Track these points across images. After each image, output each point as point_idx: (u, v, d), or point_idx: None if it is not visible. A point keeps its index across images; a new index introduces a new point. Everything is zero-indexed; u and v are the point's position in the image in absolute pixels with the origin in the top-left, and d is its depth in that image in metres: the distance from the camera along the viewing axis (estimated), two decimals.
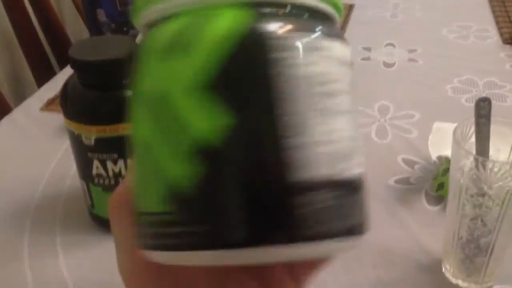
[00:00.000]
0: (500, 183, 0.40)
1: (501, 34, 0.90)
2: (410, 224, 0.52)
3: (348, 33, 0.94)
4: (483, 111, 0.42)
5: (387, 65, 0.83)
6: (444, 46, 0.88)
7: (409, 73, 0.81)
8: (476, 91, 0.74)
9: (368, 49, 0.88)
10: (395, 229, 0.52)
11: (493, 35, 0.91)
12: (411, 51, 0.87)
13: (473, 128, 0.43)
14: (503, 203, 0.40)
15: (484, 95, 0.73)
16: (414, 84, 0.77)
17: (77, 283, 0.47)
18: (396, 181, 0.58)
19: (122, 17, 0.83)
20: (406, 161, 0.61)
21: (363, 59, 0.85)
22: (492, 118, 0.42)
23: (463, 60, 0.83)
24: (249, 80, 0.20)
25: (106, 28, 0.83)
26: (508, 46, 0.86)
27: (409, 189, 0.57)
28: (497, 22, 0.95)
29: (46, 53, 1.01)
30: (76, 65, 0.45)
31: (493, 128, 0.42)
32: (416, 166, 0.60)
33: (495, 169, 0.39)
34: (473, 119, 0.42)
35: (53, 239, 0.52)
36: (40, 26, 1.01)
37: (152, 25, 0.22)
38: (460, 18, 0.98)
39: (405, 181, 0.58)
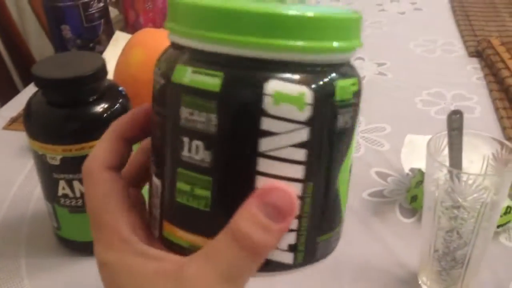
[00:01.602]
0: (475, 195, 0.39)
1: (467, 47, 0.92)
2: (385, 237, 0.52)
3: None
4: (455, 123, 0.42)
5: None
6: (412, 59, 0.89)
7: (379, 86, 0.81)
8: (444, 103, 0.75)
9: None
10: (370, 242, 0.51)
11: (458, 49, 0.92)
12: (380, 64, 0.87)
13: (446, 141, 0.43)
14: (478, 215, 0.40)
15: (452, 107, 0.74)
16: (384, 97, 0.78)
17: None
18: (370, 194, 0.57)
19: (87, 33, 0.82)
20: (379, 174, 0.61)
21: None
22: (464, 131, 0.42)
23: (431, 73, 0.84)
24: None
25: (72, 44, 0.81)
26: (474, 59, 0.88)
27: (383, 202, 0.57)
28: (462, 36, 0.96)
29: (9, 71, 0.98)
30: (40, 83, 0.44)
31: (465, 140, 0.42)
32: (389, 179, 0.60)
33: (470, 182, 0.39)
34: (445, 132, 0.42)
35: (17, 263, 0.49)
36: (3, 44, 0.98)
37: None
38: (427, 32, 0.99)
39: (378, 194, 0.58)
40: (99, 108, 0.45)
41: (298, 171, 0.24)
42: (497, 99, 0.74)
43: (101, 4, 0.82)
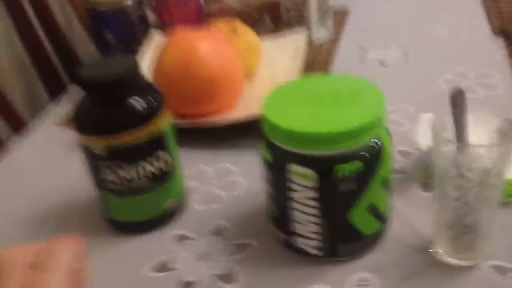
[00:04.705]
0: (477, 165, 0.43)
1: (492, 28, 0.92)
2: (405, 211, 0.55)
3: (344, 38, 0.97)
4: (457, 101, 0.45)
5: (382, 64, 0.86)
6: (436, 43, 0.91)
7: (403, 71, 0.83)
8: (467, 82, 0.77)
9: (363, 48, 0.91)
10: (391, 217, 0.54)
11: (483, 28, 0.93)
12: (403, 48, 0.89)
13: (451, 117, 0.46)
14: (481, 184, 0.43)
15: (475, 85, 0.76)
16: (408, 80, 0.80)
17: (96, 282, 0.51)
18: (394, 171, 0.60)
19: (129, 37, 0.87)
20: (401, 153, 0.64)
21: (359, 59, 0.88)
22: (475, 108, 0.45)
23: (454, 54, 0.85)
24: None
25: (114, 49, 0.87)
26: (498, 38, 0.89)
27: (405, 177, 0.60)
28: (488, 15, 0.97)
29: (59, 74, 1.06)
30: (83, 85, 0.50)
31: (473, 116, 0.45)
32: (410, 156, 0.63)
33: (471, 152, 0.42)
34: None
35: None
36: (52, 49, 1.06)
37: None
38: (452, 14, 1.00)
39: (401, 171, 0.61)
40: (137, 104, 0.51)
41: (314, 210, 0.47)
42: None
43: (141, 11, 0.88)
